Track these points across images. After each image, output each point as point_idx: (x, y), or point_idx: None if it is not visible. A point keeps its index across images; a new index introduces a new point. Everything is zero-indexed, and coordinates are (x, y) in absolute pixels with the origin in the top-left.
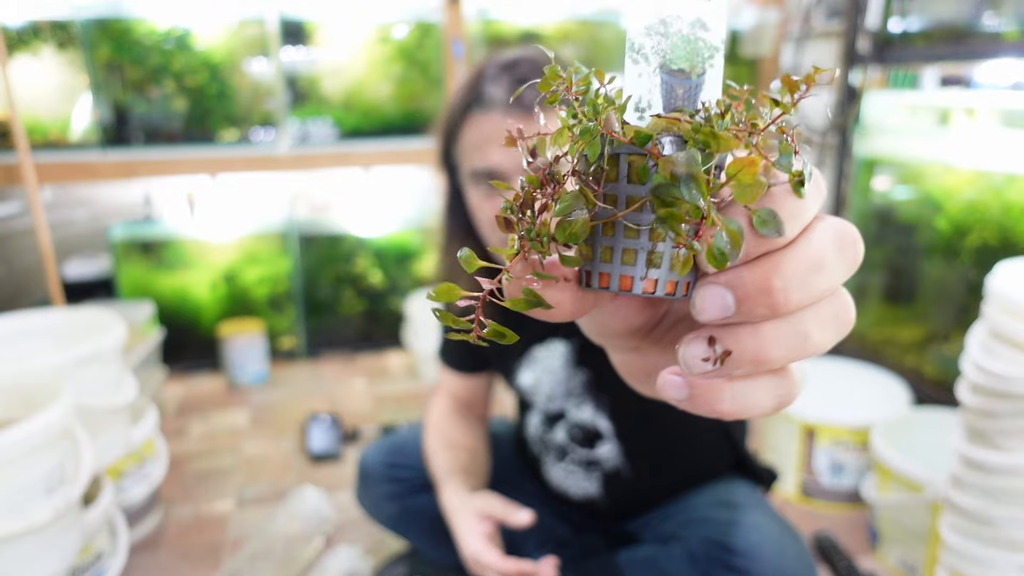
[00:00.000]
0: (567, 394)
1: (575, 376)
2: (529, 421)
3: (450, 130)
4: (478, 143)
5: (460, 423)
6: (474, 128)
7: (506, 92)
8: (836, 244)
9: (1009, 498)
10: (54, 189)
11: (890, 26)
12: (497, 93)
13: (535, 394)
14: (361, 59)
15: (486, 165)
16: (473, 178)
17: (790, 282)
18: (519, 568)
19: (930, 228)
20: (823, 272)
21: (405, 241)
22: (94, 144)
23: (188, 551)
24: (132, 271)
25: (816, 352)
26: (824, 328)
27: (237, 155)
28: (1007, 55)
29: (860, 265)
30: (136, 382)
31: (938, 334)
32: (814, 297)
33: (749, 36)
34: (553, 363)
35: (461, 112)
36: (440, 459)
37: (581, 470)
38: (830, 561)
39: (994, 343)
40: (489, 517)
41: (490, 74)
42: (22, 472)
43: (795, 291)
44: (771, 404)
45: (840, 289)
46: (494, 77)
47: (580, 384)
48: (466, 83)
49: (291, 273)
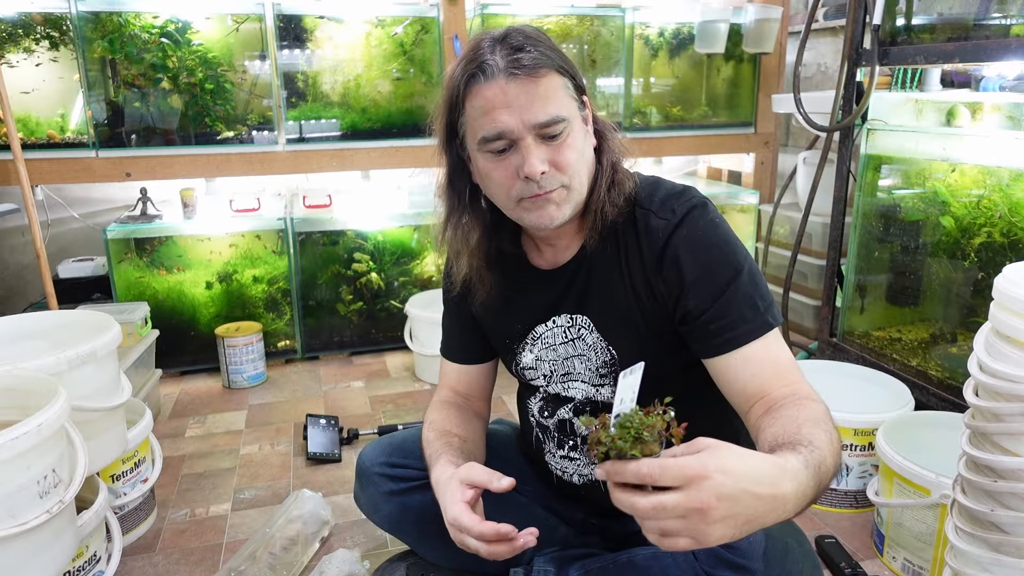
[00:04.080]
0: (566, 373)
1: (594, 355)
2: (531, 407)
3: (453, 103)
4: (484, 109)
5: (455, 414)
6: (478, 97)
7: (504, 59)
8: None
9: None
10: (48, 188)
11: (895, 23)
12: (497, 62)
13: (536, 374)
14: (359, 56)
15: (495, 128)
16: (482, 144)
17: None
18: (496, 530)
19: (936, 227)
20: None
21: (404, 240)
22: (88, 142)
23: (184, 554)
24: (127, 271)
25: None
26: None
27: (233, 154)
28: (1014, 51)
29: (861, 265)
30: (131, 383)
31: (944, 335)
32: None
33: (751, 33)
34: (554, 340)
35: (463, 84)
36: (433, 445)
37: (583, 456)
38: (835, 564)
39: (1001, 344)
40: (472, 484)
41: (486, 46)
42: (15, 474)
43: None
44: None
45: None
46: (491, 48)
47: (598, 362)
48: (464, 58)
49: (288, 273)
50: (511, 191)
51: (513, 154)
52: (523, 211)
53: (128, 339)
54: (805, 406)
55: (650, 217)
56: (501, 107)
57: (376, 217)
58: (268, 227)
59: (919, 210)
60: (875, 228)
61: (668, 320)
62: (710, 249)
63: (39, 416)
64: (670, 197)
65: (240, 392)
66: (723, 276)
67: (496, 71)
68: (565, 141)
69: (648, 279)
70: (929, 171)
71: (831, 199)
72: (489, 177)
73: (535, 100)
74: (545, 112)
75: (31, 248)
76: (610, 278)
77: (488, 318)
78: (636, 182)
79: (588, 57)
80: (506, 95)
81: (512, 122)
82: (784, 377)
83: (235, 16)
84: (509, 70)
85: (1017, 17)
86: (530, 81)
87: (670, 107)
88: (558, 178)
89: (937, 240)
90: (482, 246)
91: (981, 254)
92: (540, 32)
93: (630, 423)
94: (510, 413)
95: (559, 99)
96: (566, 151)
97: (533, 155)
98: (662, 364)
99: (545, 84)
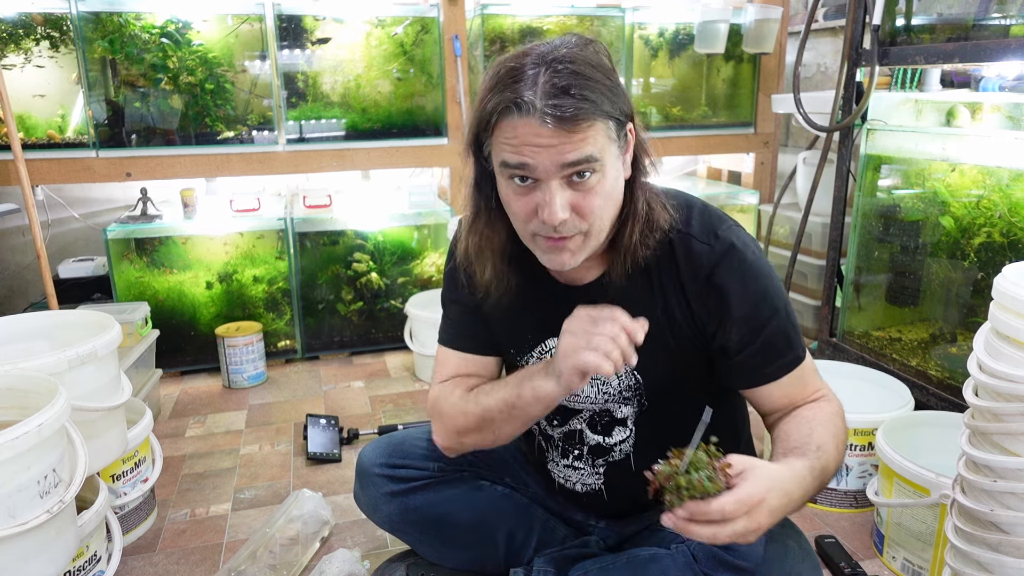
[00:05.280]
0: (574, 393)
1: (614, 379)
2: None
3: (482, 123)
4: (512, 142)
5: (471, 384)
6: (508, 128)
7: (543, 100)
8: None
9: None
10: (49, 188)
11: (895, 23)
12: (535, 102)
13: None
14: (359, 56)
15: (519, 161)
16: (504, 168)
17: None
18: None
19: (936, 227)
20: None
21: (404, 240)
22: (88, 142)
23: (184, 554)
24: (128, 271)
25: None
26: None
27: (233, 154)
28: (1014, 51)
29: (861, 265)
30: (131, 383)
31: (944, 335)
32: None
33: (751, 33)
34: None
35: (496, 112)
36: (485, 387)
37: (587, 466)
38: (834, 564)
39: (1000, 344)
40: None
41: (528, 74)
42: (16, 474)
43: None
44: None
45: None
46: (532, 78)
47: (621, 386)
48: (502, 77)
49: (289, 273)
50: (528, 224)
51: (536, 190)
52: (536, 247)
53: (128, 339)
54: (819, 407)
55: (691, 242)
56: (530, 144)
57: (376, 217)
58: (268, 227)
59: (919, 210)
60: (875, 228)
61: (701, 343)
62: (756, 285)
63: (39, 416)
64: (710, 221)
65: (240, 392)
66: (766, 313)
67: (532, 110)
68: (593, 187)
69: (689, 304)
70: (929, 171)
71: (831, 199)
72: (508, 204)
73: (567, 143)
74: (576, 153)
75: (31, 248)
76: (640, 302)
77: (499, 322)
78: (669, 207)
79: None
80: (538, 136)
81: (539, 162)
82: (807, 388)
83: (235, 16)
84: (545, 113)
85: (1017, 17)
86: (565, 131)
87: (670, 107)
88: (577, 225)
89: (937, 240)
90: (506, 250)
91: (981, 254)
92: (590, 61)
93: (699, 465)
94: None
95: (595, 142)
96: (592, 197)
97: (556, 201)
98: (686, 380)
99: (582, 132)
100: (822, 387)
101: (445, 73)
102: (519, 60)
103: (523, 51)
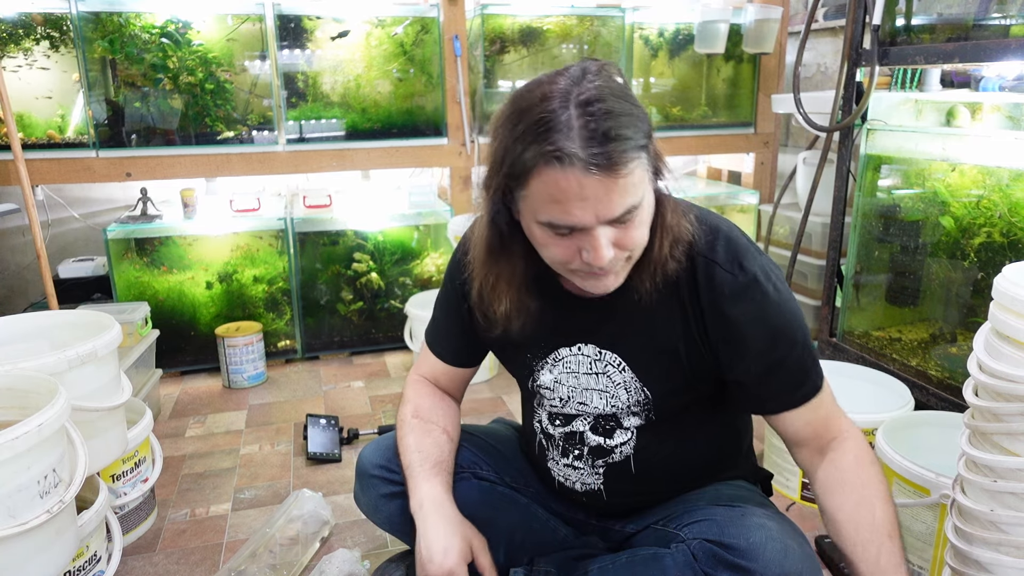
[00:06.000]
0: (583, 402)
1: (623, 393)
2: (539, 415)
3: (514, 173)
4: (554, 197)
5: (437, 397)
6: (549, 183)
7: (586, 149)
8: None
9: (1016, 501)
10: (49, 188)
11: (895, 23)
12: (577, 152)
13: (552, 395)
14: (359, 56)
15: (566, 221)
16: (545, 225)
17: None
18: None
19: (936, 227)
20: None
21: (404, 240)
22: (88, 142)
23: (184, 554)
24: (128, 271)
25: None
26: None
27: (233, 154)
28: (1014, 51)
29: (861, 265)
30: (131, 383)
31: (944, 335)
32: None
33: (751, 33)
34: (577, 367)
35: (532, 161)
36: (421, 444)
37: (586, 466)
38: (834, 564)
39: (1000, 344)
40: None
41: (562, 120)
42: (16, 474)
43: None
44: None
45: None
46: (567, 126)
47: (630, 400)
48: (534, 123)
49: (288, 273)
50: (568, 264)
51: (578, 237)
52: (576, 277)
53: (128, 339)
54: (862, 467)
55: (715, 269)
56: (575, 200)
57: (376, 217)
58: (268, 227)
59: (919, 210)
60: (875, 228)
61: (714, 366)
62: (776, 320)
63: (39, 416)
64: (736, 249)
65: (240, 392)
66: (784, 348)
67: (575, 161)
68: (634, 221)
69: (706, 330)
70: (929, 171)
71: (831, 199)
72: (544, 247)
73: (614, 195)
74: (623, 205)
75: (31, 248)
76: (656, 322)
77: (515, 332)
78: (692, 225)
79: (588, 57)
80: (583, 189)
81: (586, 217)
82: (829, 422)
83: (235, 16)
84: (591, 164)
85: (1017, 17)
86: (611, 178)
87: (670, 107)
88: (621, 256)
89: (937, 240)
90: (524, 279)
91: (981, 254)
92: (615, 92)
93: None
94: (510, 413)
95: (637, 182)
96: (633, 231)
97: (602, 246)
98: (694, 397)
99: (626, 176)
100: (842, 417)
101: (445, 73)
102: (545, 104)
103: (543, 92)
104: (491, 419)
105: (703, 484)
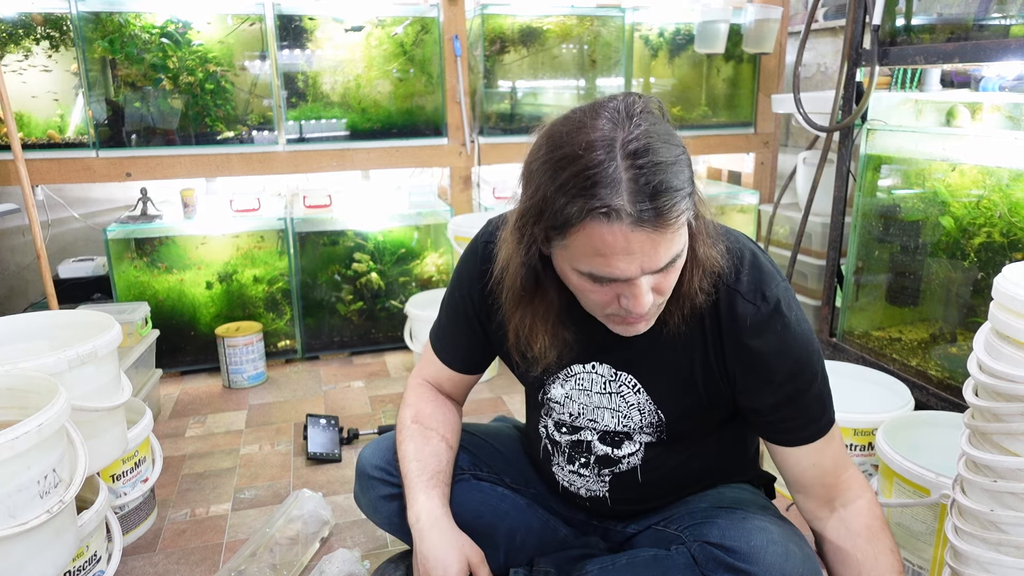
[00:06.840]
0: (593, 419)
1: (636, 414)
2: (545, 422)
3: (556, 224)
4: (598, 251)
5: (441, 402)
6: (594, 237)
7: (635, 204)
8: None
9: (1016, 501)
10: (49, 188)
11: (895, 23)
12: (625, 206)
13: (563, 410)
14: (359, 56)
15: (610, 274)
16: (585, 275)
17: None
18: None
19: (936, 227)
20: None
21: (404, 240)
22: (88, 142)
23: (184, 554)
24: (128, 270)
25: None
26: None
27: (234, 154)
28: (1014, 51)
29: (863, 265)
30: (131, 383)
31: (944, 335)
32: None
33: (751, 33)
34: (591, 385)
35: (577, 216)
36: (421, 452)
37: (592, 474)
38: None
39: (1000, 344)
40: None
41: (609, 171)
42: (15, 474)
43: None
44: None
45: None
46: (615, 179)
47: (643, 422)
48: (577, 174)
49: (288, 273)
50: (604, 308)
51: (618, 285)
52: (610, 322)
53: (128, 339)
54: (875, 538)
55: (737, 299)
56: (621, 254)
57: (376, 217)
58: (268, 227)
59: (919, 210)
60: (875, 228)
61: (730, 394)
62: (795, 352)
63: (39, 416)
64: (759, 278)
65: (240, 392)
66: (803, 380)
67: (623, 215)
68: (674, 266)
69: (725, 359)
70: (929, 171)
71: (831, 199)
72: (581, 294)
73: (660, 248)
74: (668, 256)
75: (31, 248)
76: (675, 346)
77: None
78: (722, 255)
79: (588, 57)
80: (629, 244)
81: (631, 270)
82: (837, 470)
83: (235, 16)
84: (642, 220)
85: (1017, 17)
86: (659, 232)
87: (670, 107)
88: (657, 301)
89: (937, 240)
90: (560, 312)
91: (981, 254)
92: (660, 135)
93: None
94: (511, 413)
95: (682, 232)
96: (671, 275)
97: (644, 295)
98: (707, 421)
99: (673, 227)
100: (852, 468)
101: (445, 73)
102: (590, 155)
103: (587, 139)
104: (493, 418)
105: (708, 489)
